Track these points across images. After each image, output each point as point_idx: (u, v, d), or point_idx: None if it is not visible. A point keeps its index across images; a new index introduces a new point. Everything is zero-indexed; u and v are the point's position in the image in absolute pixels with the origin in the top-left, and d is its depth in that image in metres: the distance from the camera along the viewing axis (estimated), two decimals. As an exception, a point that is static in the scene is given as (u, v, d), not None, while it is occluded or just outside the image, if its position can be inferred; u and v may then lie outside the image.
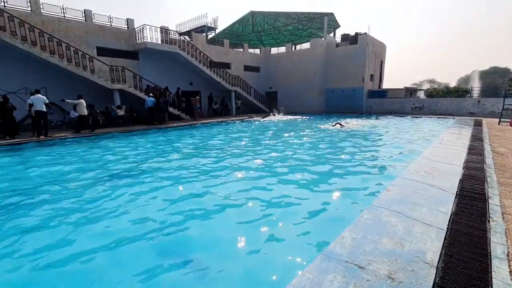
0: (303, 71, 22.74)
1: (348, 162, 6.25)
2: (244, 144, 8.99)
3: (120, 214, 3.68)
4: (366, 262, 1.93)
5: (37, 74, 12.58)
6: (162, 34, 16.09)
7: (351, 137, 9.70)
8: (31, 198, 4.35)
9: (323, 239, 2.93)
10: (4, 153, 8.08)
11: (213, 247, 2.88)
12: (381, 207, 2.83)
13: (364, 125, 13.49)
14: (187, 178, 5.21)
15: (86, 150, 8.60)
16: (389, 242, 2.21)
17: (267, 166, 6.02)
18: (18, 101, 11.93)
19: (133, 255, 2.73)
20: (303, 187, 4.61)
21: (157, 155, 7.58)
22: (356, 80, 20.86)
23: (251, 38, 30.86)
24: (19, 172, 6.06)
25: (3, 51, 11.42)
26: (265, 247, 2.84)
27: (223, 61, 20.82)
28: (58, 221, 3.50)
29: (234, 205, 3.93)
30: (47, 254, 2.76)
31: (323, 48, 22.16)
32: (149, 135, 11.72)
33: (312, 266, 1.89)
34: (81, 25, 13.80)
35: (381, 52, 23.10)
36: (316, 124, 14.27)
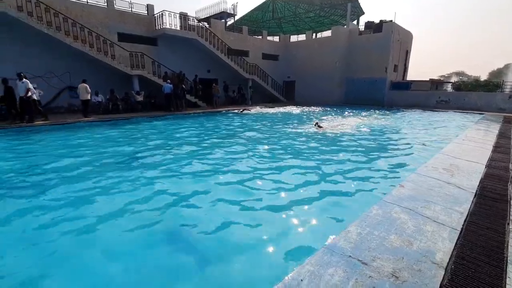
0: (323, 60, 22.09)
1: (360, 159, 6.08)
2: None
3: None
4: (370, 258, 1.87)
5: (61, 59, 12.99)
6: (181, 21, 16.07)
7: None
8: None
9: (327, 232, 2.89)
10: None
11: (215, 233, 2.91)
12: (392, 203, 2.73)
13: (370, 125, 12.22)
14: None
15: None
16: (397, 240, 2.13)
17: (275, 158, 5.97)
18: (44, 85, 12.42)
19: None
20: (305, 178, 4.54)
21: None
22: (379, 70, 20.04)
23: (270, 25, 30.25)
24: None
25: (30, 36, 11.83)
26: (268, 236, 2.84)
27: (241, 48, 20.60)
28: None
29: (240, 193, 3.94)
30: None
31: (345, 36, 21.36)
32: (167, 120, 11.93)
33: (314, 259, 1.86)
34: (103, 10, 14.03)
35: (407, 41, 21.97)
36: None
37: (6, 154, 6.23)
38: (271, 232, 2.93)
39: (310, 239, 2.83)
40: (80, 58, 13.09)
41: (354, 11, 25.35)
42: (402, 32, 20.56)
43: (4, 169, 5.06)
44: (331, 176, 4.64)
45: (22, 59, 12.00)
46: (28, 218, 3.23)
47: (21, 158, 5.82)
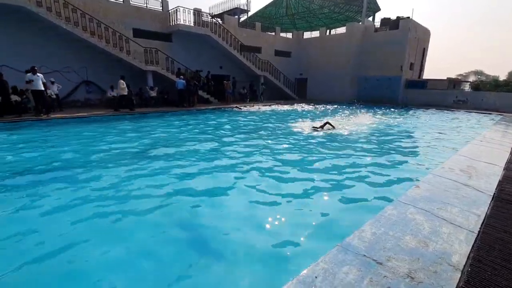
0: (337, 57, 21.79)
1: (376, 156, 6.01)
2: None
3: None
4: (385, 258, 1.87)
5: (78, 54, 13.31)
6: (195, 17, 16.16)
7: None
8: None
9: (341, 231, 2.89)
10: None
11: (230, 227, 2.96)
12: (408, 204, 2.71)
13: (384, 124, 12.14)
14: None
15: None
16: (412, 241, 2.12)
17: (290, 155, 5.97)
18: (62, 80, 12.75)
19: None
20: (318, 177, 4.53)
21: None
22: (394, 68, 19.62)
23: (283, 22, 30.01)
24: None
25: (48, 31, 12.16)
26: (280, 233, 2.86)
27: (254, 44, 20.55)
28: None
29: (253, 188, 3.98)
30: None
31: (360, 33, 20.98)
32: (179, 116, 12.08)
33: (328, 257, 1.88)
34: (119, 6, 14.25)
35: (425, 38, 21.40)
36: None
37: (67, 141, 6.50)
38: (283, 229, 2.95)
39: (322, 237, 2.84)
40: (96, 53, 13.38)
41: (371, 7, 24.84)
42: (419, 29, 20.04)
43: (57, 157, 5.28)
44: (343, 175, 4.61)
45: (41, 54, 12.36)
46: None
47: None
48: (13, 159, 5.42)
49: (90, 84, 14.06)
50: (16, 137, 7.27)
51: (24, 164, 5.13)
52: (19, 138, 7.24)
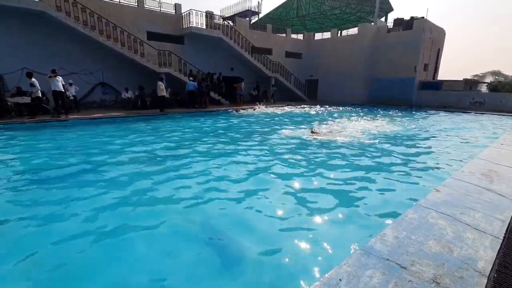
0: (348, 59, 21.59)
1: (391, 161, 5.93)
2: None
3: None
4: (408, 263, 1.86)
5: (94, 57, 13.65)
6: (207, 19, 16.34)
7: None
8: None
9: (361, 235, 2.88)
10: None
11: (250, 231, 2.99)
12: (428, 208, 2.67)
13: (399, 126, 11.54)
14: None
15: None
16: (436, 246, 2.09)
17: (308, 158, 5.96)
18: (79, 81, 13.08)
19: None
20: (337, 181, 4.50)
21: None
22: (407, 69, 19.30)
23: (294, 23, 29.96)
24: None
25: (67, 35, 12.52)
26: (300, 237, 2.87)
27: (264, 46, 20.61)
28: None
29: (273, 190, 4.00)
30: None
31: (372, 34, 20.74)
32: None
33: (351, 260, 1.88)
34: (134, 10, 14.56)
35: (439, 39, 20.96)
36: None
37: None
38: (301, 233, 2.96)
39: (341, 241, 2.84)
40: (111, 55, 13.69)
41: (383, 8, 24.53)
42: (434, 30, 19.65)
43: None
44: (361, 180, 4.56)
45: (60, 56, 12.74)
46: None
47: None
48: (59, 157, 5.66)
49: (106, 85, 14.40)
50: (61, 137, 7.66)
51: (60, 161, 5.33)
52: (61, 138, 7.60)
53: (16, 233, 2.91)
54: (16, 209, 3.44)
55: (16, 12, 11.12)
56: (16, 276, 2.28)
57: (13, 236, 2.86)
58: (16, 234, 2.90)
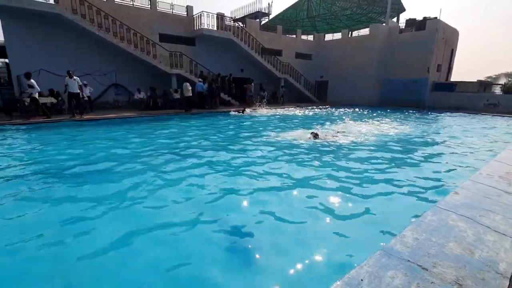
0: (359, 60, 21.41)
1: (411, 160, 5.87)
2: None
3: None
4: (430, 264, 1.86)
5: (108, 58, 13.94)
6: (218, 21, 16.48)
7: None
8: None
9: (379, 235, 2.87)
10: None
11: (270, 230, 3.02)
12: (448, 210, 2.65)
13: (413, 128, 11.71)
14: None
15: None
16: (457, 248, 2.08)
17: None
18: (93, 82, 13.38)
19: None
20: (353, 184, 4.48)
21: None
22: (420, 70, 19.02)
23: (304, 24, 29.90)
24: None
25: (82, 37, 12.85)
26: (318, 237, 2.89)
27: (275, 47, 20.64)
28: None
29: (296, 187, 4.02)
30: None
31: (384, 35, 20.52)
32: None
33: (371, 260, 1.88)
34: (147, 12, 14.82)
35: (453, 39, 20.59)
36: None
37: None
38: (316, 235, 2.98)
39: (358, 242, 2.83)
40: (124, 57, 13.96)
41: (395, 8, 24.24)
42: (447, 30, 19.32)
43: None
44: (377, 182, 4.52)
45: (75, 58, 13.08)
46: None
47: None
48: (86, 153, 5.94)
49: (119, 86, 14.69)
50: (81, 137, 7.92)
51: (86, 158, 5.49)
52: (83, 137, 7.90)
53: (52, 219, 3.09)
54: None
55: (34, 15, 11.46)
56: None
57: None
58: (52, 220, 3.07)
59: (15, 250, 2.60)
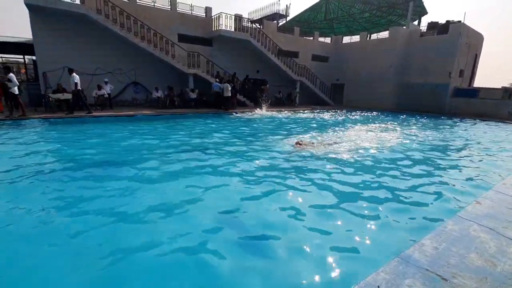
0: (377, 63, 20.98)
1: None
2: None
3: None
4: (450, 275, 1.81)
5: (128, 57, 14.31)
6: (236, 22, 16.60)
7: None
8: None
9: (394, 243, 2.82)
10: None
11: (285, 229, 3.02)
12: (470, 220, 2.56)
13: (434, 135, 10.94)
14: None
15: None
16: (478, 259, 2.01)
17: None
18: (114, 80, 13.77)
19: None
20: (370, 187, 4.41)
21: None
22: (441, 75, 18.44)
23: (322, 26, 29.62)
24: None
25: (104, 36, 13.26)
26: (334, 243, 2.86)
27: (291, 49, 20.56)
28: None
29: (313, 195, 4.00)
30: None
31: (404, 38, 20.03)
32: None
33: (388, 267, 1.86)
34: (167, 13, 15.13)
35: (477, 44, 19.85)
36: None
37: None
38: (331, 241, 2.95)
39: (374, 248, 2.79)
40: (144, 56, 14.28)
41: (417, 11, 23.62)
42: (471, 34, 18.65)
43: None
44: (395, 190, 4.41)
45: (97, 56, 13.52)
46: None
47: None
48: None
49: (138, 85, 15.06)
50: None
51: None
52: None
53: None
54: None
55: (60, 14, 11.91)
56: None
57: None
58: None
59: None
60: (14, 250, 2.57)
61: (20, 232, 2.85)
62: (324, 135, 9.06)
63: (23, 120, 9.35)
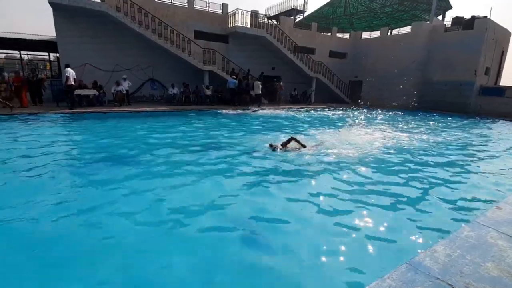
0: (398, 59, 20.24)
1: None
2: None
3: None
4: (462, 284, 1.71)
5: (145, 54, 14.58)
6: (252, 18, 16.52)
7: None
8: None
9: (404, 248, 2.72)
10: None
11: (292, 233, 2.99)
12: (488, 227, 2.42)
13: (462, 136, 10.62)
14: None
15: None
16: (495, 269, 1.89)
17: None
18: (132, 77, 14.06)
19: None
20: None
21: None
22: (465, 72, 17.59)
23: (341, 22, 28.94)
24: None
25: (123, 33, 13.56)
26: (343, 247, 2.80)
27: (308, 45, 20.23)
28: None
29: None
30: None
31: (427, 33, 19.22)
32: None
33: (395, 274, 1.78)
34: (184, 10, 15.28)
35: (504, 40, 18.78)
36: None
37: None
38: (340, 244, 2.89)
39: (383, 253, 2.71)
40: (161, 53, 14.51)
41: (441, 5, 22.60)
42: (498, 30, 17.67)
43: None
44: (409, 193, 4.26)
45: (117, 53, 13.89)
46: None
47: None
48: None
49: (155, 81, 15.35)
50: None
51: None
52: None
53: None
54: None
55: (82, 12, 12.27)
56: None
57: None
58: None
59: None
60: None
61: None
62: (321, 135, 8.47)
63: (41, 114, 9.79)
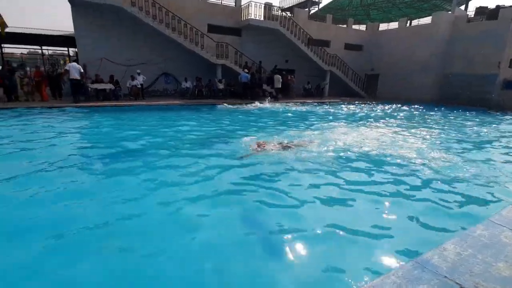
0: (417, 51, 19.48)
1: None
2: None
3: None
4: (471, 284, 1.65)
5: (159, 48, 14.72)
6: (265, 10, 16.33)
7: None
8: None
9: (414, 246, 2.65)
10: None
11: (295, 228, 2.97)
12: (502, 226, 2.32)
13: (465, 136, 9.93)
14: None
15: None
16: (507, 269, 1.81)
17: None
18: (146, 71, 14.27)
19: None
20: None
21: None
22: (489, 65, 16.73)
23: (357, 13, 28.12)
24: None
25: (138, 28, 13.74)
26: (347, 239, 2.76)
27: (323, 37, 19.80)
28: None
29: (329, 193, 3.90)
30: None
31: (448, 24, 18.38)
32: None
33: (400, 271, 1.74)
34: (198, 3, 15.30)
35: (532, 30, 17.65)
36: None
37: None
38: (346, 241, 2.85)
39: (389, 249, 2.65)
40: (174, 47, 14.61)
41: (464, -6, 21.52)
42: (526, 19, 16.59)
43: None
44: (421, 189, 4.14)
45: (132, 48, 14.13)
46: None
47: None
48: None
49: (168, 75, 15.53)
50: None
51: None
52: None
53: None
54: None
55: (98, 7, 12.54)
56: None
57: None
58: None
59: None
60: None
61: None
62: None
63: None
